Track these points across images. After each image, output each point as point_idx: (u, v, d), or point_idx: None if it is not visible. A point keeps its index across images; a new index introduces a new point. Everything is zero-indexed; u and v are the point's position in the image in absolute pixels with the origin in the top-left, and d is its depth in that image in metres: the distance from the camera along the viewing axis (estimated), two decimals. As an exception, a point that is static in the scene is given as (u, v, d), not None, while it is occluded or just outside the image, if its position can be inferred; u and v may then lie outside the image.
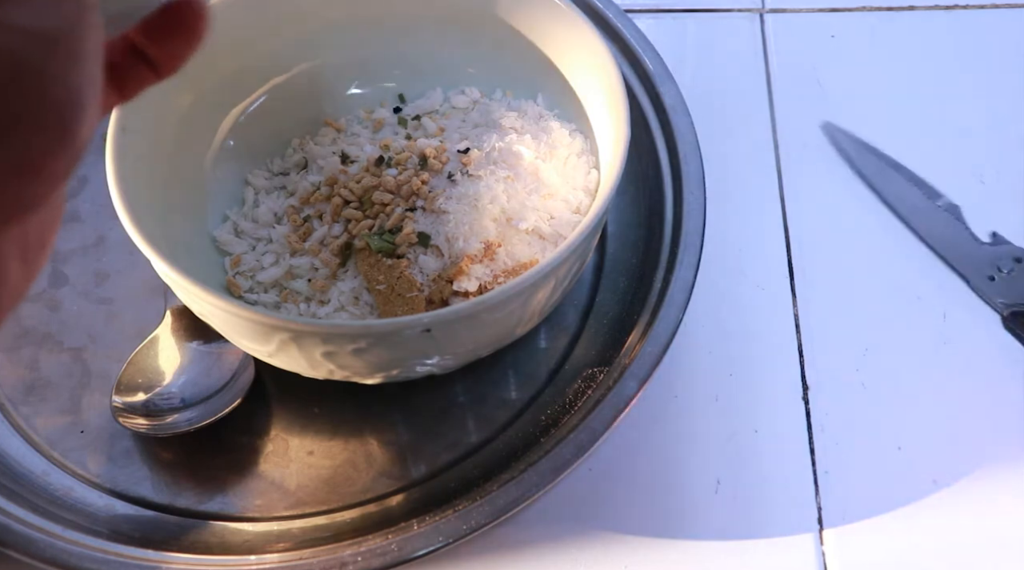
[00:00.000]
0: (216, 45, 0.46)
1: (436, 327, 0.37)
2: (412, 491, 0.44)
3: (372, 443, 0.45)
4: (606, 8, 0.53)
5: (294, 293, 0.45)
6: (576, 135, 0.47)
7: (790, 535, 0.44)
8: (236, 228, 0.47)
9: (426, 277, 0.43)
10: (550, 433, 0.43)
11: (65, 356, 0.48)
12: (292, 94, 0.50)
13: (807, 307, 0.50)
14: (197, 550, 0.41)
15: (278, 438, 0.45)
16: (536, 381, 0.47)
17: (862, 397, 0.47)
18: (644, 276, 0.47)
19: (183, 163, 0.46)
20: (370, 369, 0.40)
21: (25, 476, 0.44)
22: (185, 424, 0.44)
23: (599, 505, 0.44)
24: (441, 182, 0.45)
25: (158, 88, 0.43)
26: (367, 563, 0.39)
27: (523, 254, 0.44)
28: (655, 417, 0.46)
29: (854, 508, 0.44)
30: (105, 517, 0.43)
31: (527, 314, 0.40)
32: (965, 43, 0.60)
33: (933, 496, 0.45)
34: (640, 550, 0.43)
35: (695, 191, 0.48)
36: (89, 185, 0.53)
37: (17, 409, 0.47)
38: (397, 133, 0.49)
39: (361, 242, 0.44)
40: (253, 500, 0.44)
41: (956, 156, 0.55)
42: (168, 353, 0.46)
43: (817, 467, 0.45)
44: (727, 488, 0.45)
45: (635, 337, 0.45)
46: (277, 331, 0.37)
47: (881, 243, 0.52)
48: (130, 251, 0.40)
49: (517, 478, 0.41)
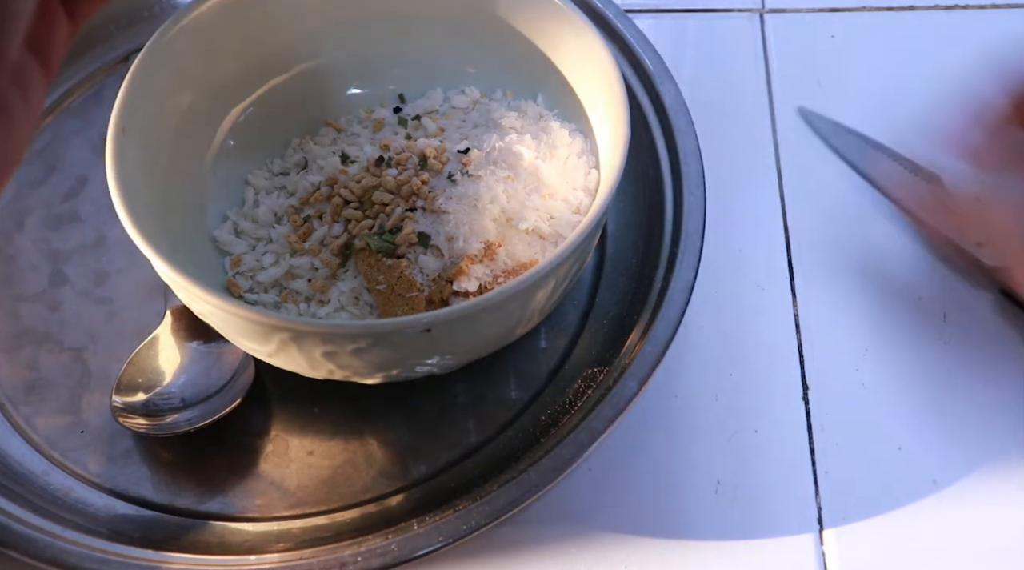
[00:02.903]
0: (216, 45, 0.46)
1: (436, 327, 0.37)
2: (412, 491, 0.44)
3: (372, 443, 0.45)
4: (606, 8, 0.53)
5: (294, 293, 0.45)
6: (576, 135, 0.47)
7: (790, 535, 0.44)
8: (236, 228, 0.47)
9: (426, 277, 0.43)
10: (550, 433, 0.43)
11: (65, 356, 0.48)
12: (292, 94, 0.50)
13: (807, 307, 0.50)
14: (197, 550, 0.41)
15: (278, 438, 0.45)
16: (536, 381, 0.47)
17: (862, 397, 0.47)
18: (644, 276, 0.47)
19: (183, 163, 0.46)
20: (370, 369, 0.40)
21: (25, 476, 0.44)
22: (185, 424, 0.44)
23: (599, 505, 0.44)
24: (441, 182, 0.45)
25: (158, 88, 0.44)
26: (367, 563, 0.39)
27: (523, 254, 0.44)
28: (655, 417, 0.46)
29: (854, 508, 0.44)
30: (105, 517, 0.43)
31: (527, 314, 0.40)
32: (965, 43, 0.60)
33: (933, 496, 0.45)
34: (640, 550, 0.43)
35: (695, 191, 0.48)
36: (89, 185, 0.53)
37: (17, 409, 0.47)
38: (397, 133, 0.49)
39: (361, 242, 0.44)
40: (253, 500, 0.44)
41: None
42: (168, 353, 0.46)
43: (817, 467, 0.45)
44: (727, 488, 0.45)
45: (635, 337, 0.45)
46: (277, 331, 0.37)
47: (882, 243, 0.52)
48: (130, 251, 0.40)
49: (517, 478, 0.41)
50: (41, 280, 0.50)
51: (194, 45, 0.45)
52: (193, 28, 0.44)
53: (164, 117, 0.44)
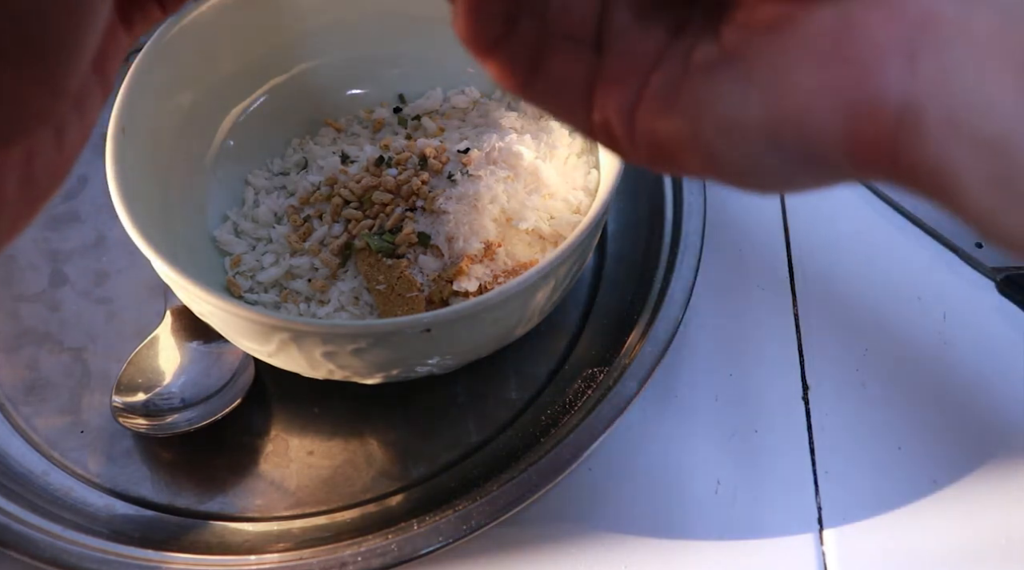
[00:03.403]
0: (216, 45, 0.46)
1: (436, 327, 0.37)
2: (412, 491, 0.44)
3: (372, 443, 0.45)
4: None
5: (294, 293, 0.45)
6: (576, 135, 0.47)
7: (790, 535, 0.44)
8: (236, 228, 0.47)
9: (426, 277, 0.43)
10: (550, 433, 0.43)
11: (65, 356, 0.48)
12: (292, 94, 0.50)
13: (807, 307, 0.50)
14: (197, 550, 0.41)
15: (278, 438, 0.45)
16: (536, 381, 0.47)
17: (862, 397, 0.47)
18: (644, 276, 0.47)
19: (183, 163, 0.46)
20: (370, 369, 0.40)
21: (25, 476, 0.44)
22: (185, 424, 0.44)
23: (599, 505, 0.44)
24: (441, 182, 0.45)
25: (158, 88, 0.44)
26: (367, 563, 0.39)
27: (523, 254, 0.44)
28: (655, 417, 0.46)
29: (854, 508, 0.44)
30: (105, 517, 0.43)
31: (527, 314, 0.40)
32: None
33: (933, 496, 0.45)
34: (640, 550, 0.43)
35: (695, 191, 0.48)
36: (89, 185, 0.53)
37: (17, 409, 0.47)
38: (397, 133, 0.49)
39: (361, 242, 0.44)
40: (253, 500, 0.44)
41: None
42: (168, 353, 0.46)
43: (817, 467, 0.45)
44: (727, 488, 0.45)
45: (635, 337, 0.45)
46: (277, 331, 0.37)
47: (882, 243, 0.52)
48: (130, 251, 0.40)
49: (517, 478, 0.41)
50: (41, 280, 0.50)
51: (194, 45, 0.45)
52: (193, 28, 0.44)
53: (164, 117, 0.44)
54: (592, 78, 0.23)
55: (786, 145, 0.19)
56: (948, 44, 0.18)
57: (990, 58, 0.17)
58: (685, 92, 0.21)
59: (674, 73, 0.22)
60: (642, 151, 0.22)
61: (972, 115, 0.17)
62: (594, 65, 0.23)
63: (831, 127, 0.19)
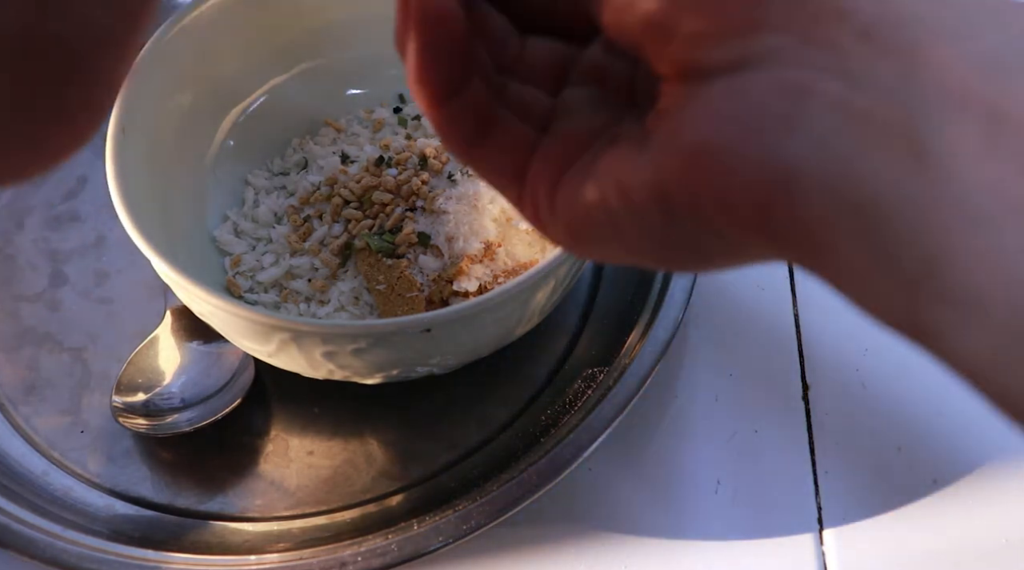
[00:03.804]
0: (216, 45, 0.46)
1: (436, 327, 0.37)
2: (412, 491, 0.44)
3: (372, 443, 0.45)
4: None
5: (294, 293, 0.45)
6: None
7: (790, 535, 0.44)
8: (236, 228, 0.47)
9: (426, 277, 0.43)
10: (550, 433, 0.43)
11: (65, 356, 0.48)
12: (292, 94, 0.50)
13: (807, 307, 0.50)
14: (197, 550, 0.41)
15: (278, 438, 0.45)
16: (536, 381, 0.47)
17: (862, 397, 0.47)
18: (644, 276, 0.47)
19: (183, 163, 0.46)
20: (370, 369, 0.40)
21: (25, 476, 0.44)
22: (185, 424, 0.44)
23: (599, 505, 0.44)
24: (441, 182, 0.45)
25: (158, 88, 0.44)
26: (367, 563, 0.39)
27: (523, 254, 0.44)
28: (655, 417, 0.46)
29: (854, 508, 0.44)
30: (105, 517, 0.43)
31: (527, 314, 0.40)
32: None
33: (933, 496, 0.45)
34: (640, 550, 0.43)
35: (695, 191, 0.48)
36: (89, 185, 0.53)
37: (17, 409, 0.47)
38: (397, 133, 0.49)
39: (361, 242, 0.44)
40: (253, 500, 0.44)
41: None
42: (168, 353, 0.46)
43: (817, 467, 0.45)
44: (727, 488, 0.45)
45: (635, 337, 0.45)
46: (277, 331, 0.37)
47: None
48: (130, 251, 0.40)
49: (517, 478, 0.41)
50: (41, 280, 0.50)
51: (194, 45, 0.45)
52: (193, 28, 0.44)
53: (164, 117, 0.44)
54: (530, 155, 0.24)
55: (675, 207, 0.20)
56: (826, 115, 0.18)
57: (865, 129, 0.18)
58: (599, 164, 0.22)
59: (598, 151, 0.23)
60: (559, 227, 0.23)
61: (845, 182, 0.18)
62: (535, 142, 0.24)
63: (709, 183, 0.19)
